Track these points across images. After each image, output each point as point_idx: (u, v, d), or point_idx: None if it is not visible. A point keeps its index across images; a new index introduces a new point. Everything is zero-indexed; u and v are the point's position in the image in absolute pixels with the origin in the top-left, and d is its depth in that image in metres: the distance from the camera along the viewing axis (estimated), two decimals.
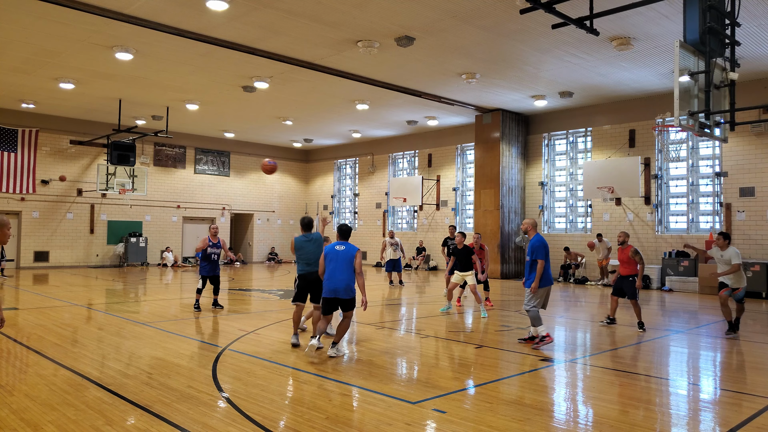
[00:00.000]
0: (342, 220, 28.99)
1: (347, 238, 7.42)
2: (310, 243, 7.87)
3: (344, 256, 7.11)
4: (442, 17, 11.44)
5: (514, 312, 11.40)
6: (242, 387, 5.78)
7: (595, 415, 5.15)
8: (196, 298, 11.20)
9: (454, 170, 23.57)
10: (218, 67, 15.11)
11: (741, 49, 11.66)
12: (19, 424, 4.63)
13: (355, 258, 7.10)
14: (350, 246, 7.24)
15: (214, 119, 22.30)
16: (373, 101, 18.80)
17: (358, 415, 5.01)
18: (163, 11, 11.41)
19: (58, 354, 7.16)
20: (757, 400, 5.64)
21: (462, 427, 4.69)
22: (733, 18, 8.26)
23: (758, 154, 15.56)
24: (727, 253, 9.08)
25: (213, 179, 26.82)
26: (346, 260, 7.09)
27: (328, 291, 7.15)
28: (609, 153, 18.54)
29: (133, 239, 23.57)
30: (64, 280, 17.33)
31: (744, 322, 10.14)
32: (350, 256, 7.12)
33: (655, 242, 17.44)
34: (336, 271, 7.08)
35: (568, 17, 8.73)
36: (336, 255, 7.14)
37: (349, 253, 7.14)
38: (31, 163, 21.65)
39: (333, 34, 12.48)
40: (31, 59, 14.63)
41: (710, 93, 7.81)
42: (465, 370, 6.78)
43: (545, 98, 17.95)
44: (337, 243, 7.28)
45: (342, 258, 7.10)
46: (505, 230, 19.93)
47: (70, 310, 11.00)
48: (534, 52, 13.48)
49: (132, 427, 4.63)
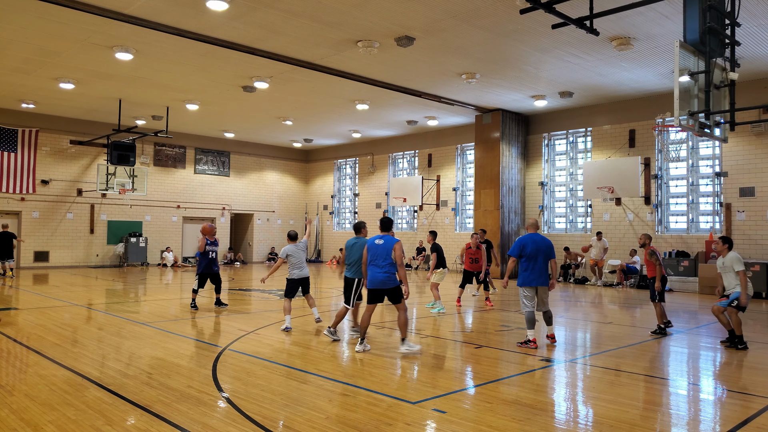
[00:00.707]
0: (342, 221, 28.99)
1: (388, 230, 7.69)
2: (357, 247, 8.10)
3: (383, 249, 7.40)
4: (442, 17, 11.44)
5: (514, 312, 11.39)
6: (242, 387, 5.78)
7: (595, 415, 5.15)
8: (192, 297, 11.23)
9: (454, 170, 23.57)
10: (218, 67, 15.11)
11: (741, 49, 11.67)
12: (19, 424, 4.63)
13: (394, 250, 7.37)
14: (389, 238, 7.50)
15: (214, 119, 22.29)
16: (373, 101, 18.80)
17: (358, 415, 5.01)
18: (163, 11, 11.41)
19: (58, 354, 7.16)
20: (757, 400, 5.63)
21: (462, 427, 4.69)
22: (733, 18, 8.26)
23: (758, 154, 15.56)
24: (728, 259, 8.31)
25: (213, 179, 26.82)
26: (386, 252, 7.37)
27: (371, 282, 7.46)
28: (609, 153, 18.54)
29: (133, 239, 23.57)
30: (64, 280, 17.33)
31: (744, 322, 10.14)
32: (389, 248, 7.38)
33: (655, 242, 17.43)
34: (377, 264, 7.38)
35: (568, 17, 8.73)
36: (376, 248, 7.44)
37: (388, 245, 7.40)
38: (31, 163, 21.65)
39: (333, 34, 12.47)
40: (31, 59, 14.64)
41: (710, 93, 7.81)
42: (465, 370, 6.78)
43: (545, 98, 17.95)
44: (378, 237, 7.55)
45: (381, 251, 7.39)
46: (505, 230, 19.93)
47: (70, 310, 11.00)
48: (534, 52, 13.48)
49: (132, 427, 4.63)
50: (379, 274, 7.37)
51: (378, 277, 7.37)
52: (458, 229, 23.26)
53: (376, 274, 7.40)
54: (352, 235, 30.98)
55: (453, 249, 23.18)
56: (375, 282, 7.40)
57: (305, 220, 9.06)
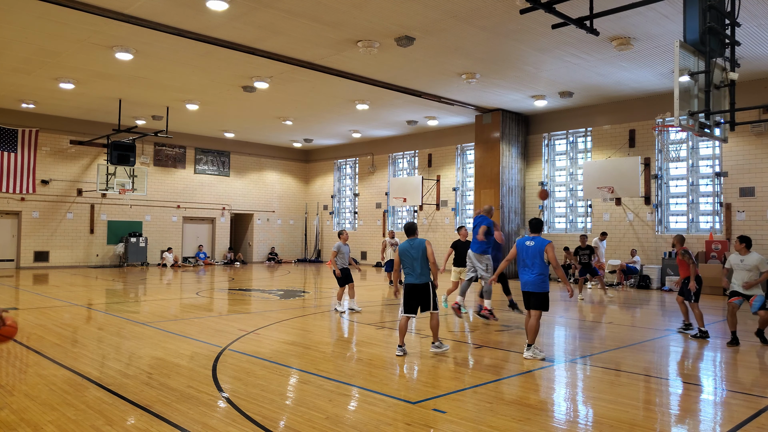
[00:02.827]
0: (342, 221, 28.99)
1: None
2: (412, 249, 7.62)
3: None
4: (442, 17, 11.44)
5: (514, 312, 11.38)
6: (242, 387, 5.78)
7: (595, 415, 5.16)
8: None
9: (454, 170, 23.56)
10: (218, 67, 15.11)
11: (741, 49, 11.67)
12: (19, 424, 4.63)
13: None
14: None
15: (214, 119, 22.30)
16: (373, 101, 18.80)
17: (358, 415, 5.01)
18: (163, 11, 11.41)
19: (58, 354, 7.16)
20: (757, 400, 5.64)
21: (462, 427, 4.69)
22: (733, 18, 8.26)
23: (758, 154, 15.56)
24: (749, 259, 8.35)
25: (213, 179, 26.82)
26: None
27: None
28: (609, 153, 18.54)
29: (133, 239, 23.56)
30: (64, 280, 17.33)
31: (744, 321, 10.14)
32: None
33: (655, 242, 17.44)
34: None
35: (568, 17, 8.73)
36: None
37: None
38: (31, 163, 21.65)
39: (333, 34, 12.48)
40: (31, 59, 14.64)
41: (710, 93, 7.81)
42: (465, 370, 6.78)
43: (545, 98, 17.95)
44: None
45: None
46: (505, 230, 19.92)
47: (70, 310, 11.01)
48: (534, 52, 13.48)
49: (132, 427, 4.63)
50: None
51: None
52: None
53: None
54: (352, 235, 30.79)
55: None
56: (526, 285, 7.41)
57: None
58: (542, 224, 7.67)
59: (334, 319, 10.60)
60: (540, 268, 7.30)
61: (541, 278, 7.30)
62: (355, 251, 27.37)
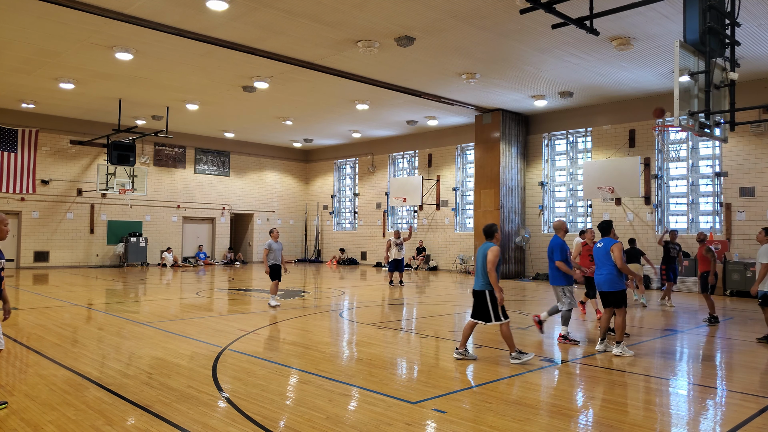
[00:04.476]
0: (342, 221, 28.99)
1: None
2: (480, 253, 7.39)
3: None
4: (442, 17, 11.44)
5: (514, 312, 11.39)
6: (242, 387, 5.78)
7: (595, 415, 5.16)
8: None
9: (454, 170, 23.56)
10: (218, 67, 15.11)
11: (741, 49, 11.67)
12: (19, 424, 4.63)
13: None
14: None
15: (214, 119, 22.30)
16: (373, 101, 18.80)
17: (358, 415, 5.01)
18: (163, 11, 11.41)
19: (58, 354, 7.16)
20: (757, 400, 5.63)
21: (462, 427, 4.69)
22: (733, 18, 8.26)
23: (758, 154, 15.56)
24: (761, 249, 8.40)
25: (213, 179, 26.82)
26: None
27: (597, 285, 7.87)
28: (609, 153, 18.54)
29: (133, 239, 23.56)
30: (64, 280, 17.33)
31: (743, 321, 10.14)
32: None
33: (655, 242, 17.43)
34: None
35: (568, 17, 8.73)
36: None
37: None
38: (31, 163, 21.65)
39: (333, 34, 12.48)
40: (31, 59, 14.63)
41: (710, 93, 7.81)
42: (465, 370, 6.78)
43: (545, 98, 17.95)
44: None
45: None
46: (506, 230, 19.93)
47: (70, 310, 11.00)
48: (534, 52, 13.48)
49: (132, 427, 4.63)
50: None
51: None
52: (458, 229, 23.25)
53: (599, 277, 7.78)
54: (352, 235, 30.83)
55: (453, 249, 23.22)
56: (600, 285, 7.77)
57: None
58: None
59: (334, 319, 10.60)
60: (609, 268, 7.69)
61: (611, 277, 7.65)
62: (355, 251, 27.39)
